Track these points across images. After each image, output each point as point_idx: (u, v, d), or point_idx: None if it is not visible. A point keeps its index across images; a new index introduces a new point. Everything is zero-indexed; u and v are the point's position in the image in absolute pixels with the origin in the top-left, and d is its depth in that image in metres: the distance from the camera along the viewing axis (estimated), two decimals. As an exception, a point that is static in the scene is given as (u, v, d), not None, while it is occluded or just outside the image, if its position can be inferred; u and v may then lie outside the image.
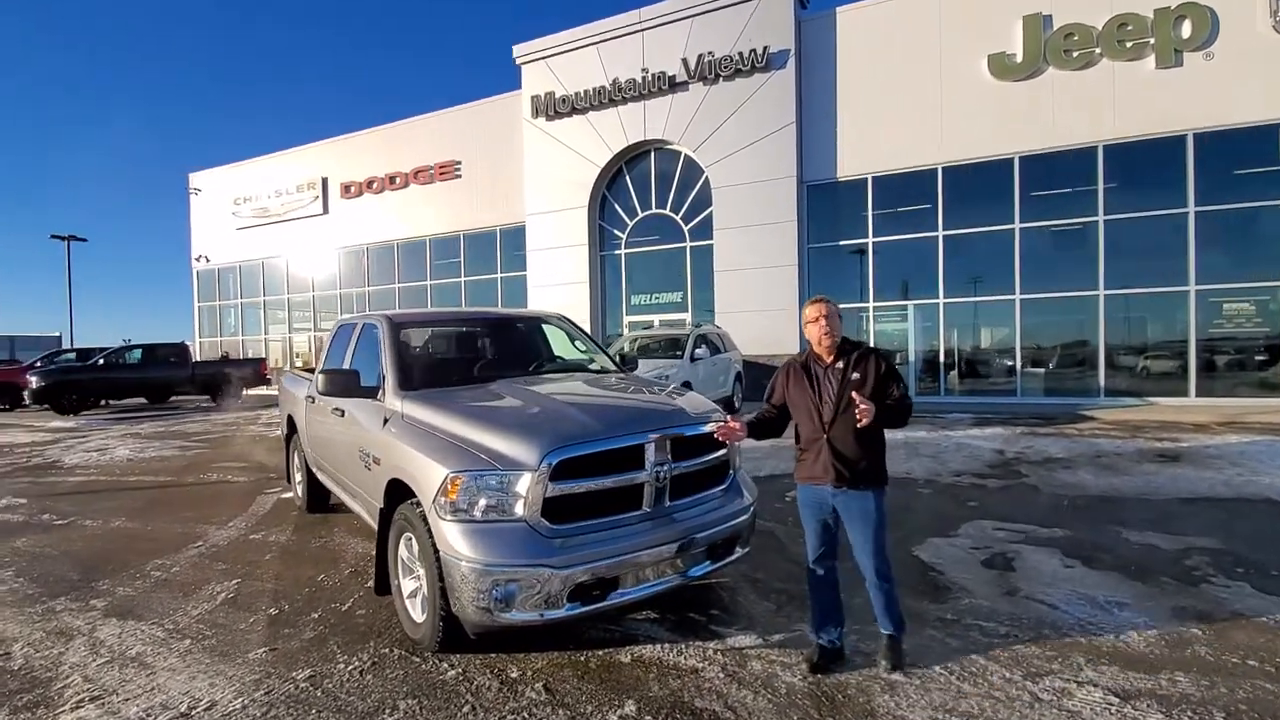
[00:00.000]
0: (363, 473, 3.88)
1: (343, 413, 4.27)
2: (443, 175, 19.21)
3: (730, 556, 3.38)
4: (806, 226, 14.51)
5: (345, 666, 3.04)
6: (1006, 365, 13.39)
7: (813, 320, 2.94)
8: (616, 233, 16.63)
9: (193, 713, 2.70)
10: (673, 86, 15.09)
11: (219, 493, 6.99)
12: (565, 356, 4.92)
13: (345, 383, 3.82)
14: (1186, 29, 11.31)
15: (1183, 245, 11.73)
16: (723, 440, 3.14)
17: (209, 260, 24.95)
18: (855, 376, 2.87)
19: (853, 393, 2.79)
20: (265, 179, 23.09)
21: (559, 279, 16.83)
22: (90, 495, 7.03)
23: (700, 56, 14.70)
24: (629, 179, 16.36)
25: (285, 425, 6.33)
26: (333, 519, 5.59)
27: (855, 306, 14.14)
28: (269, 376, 18.38)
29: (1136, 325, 12.68)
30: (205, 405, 17.73)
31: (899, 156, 13.60)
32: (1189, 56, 11.36)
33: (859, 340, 3.09)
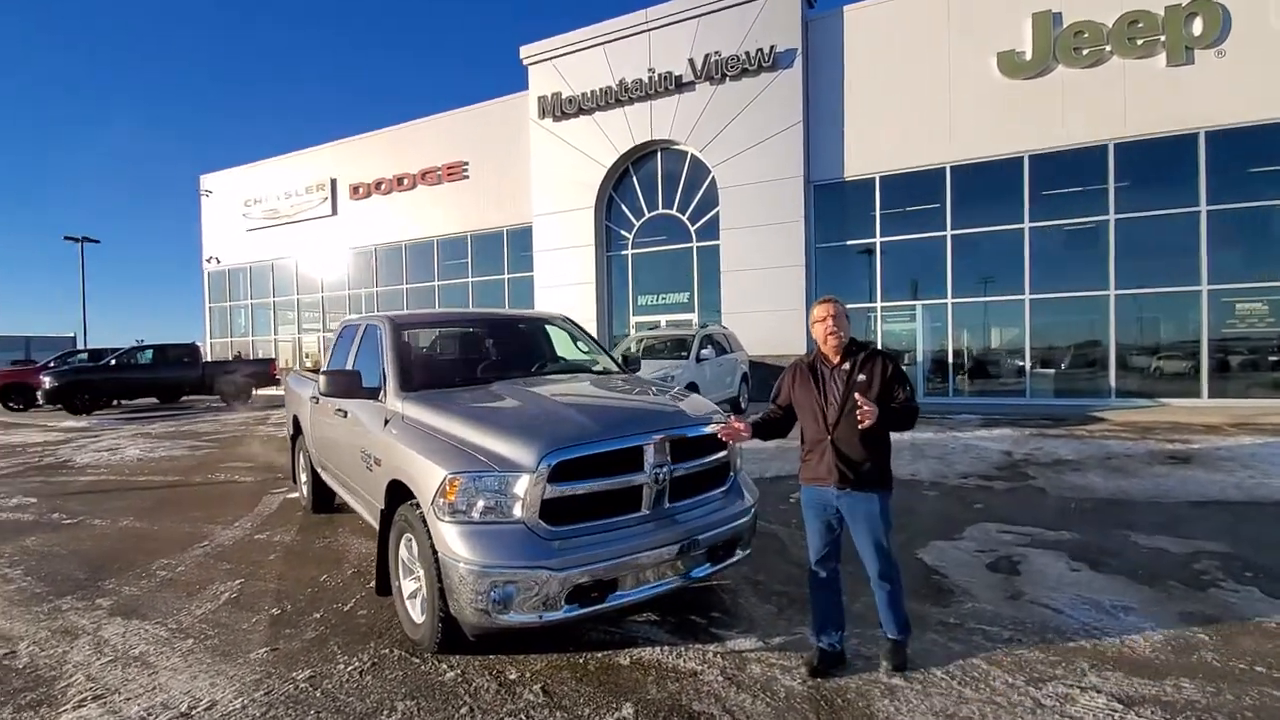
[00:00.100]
0: (364, 474, 3.89)
1: (345, 414, 4.29)
2: (450, 176, 19.28)
3: (731, 559, 3.36)
4: (813, 226, 14.46)
5: (345, 667, 3.05)
6: (1016, 366, 13.28)
7: (820, 320, 2.93)
8: (623, 233, 16.62)
9: (193, 712, 2.71)
10: (679, 86, 15.08)
11: (226, 493, 7.04)
12: (567, 357, 4.92)
13: (347, 384, 3.83)
14: (1198, 26, 11.18)
15: (1195, 244, 11.59)
16: (726, 440, 3.12)
17: (220, 261, 25.16)
18: (861, 378, 2.85)
19: (856, 395, 2.77)
20: (275, 180, 23.26)
21: (566, 279, 16.86)
22: (100, 495, 7.10)
23: (707, 56, 14.67)
24: (635, 179, 16.36)
25: (291, 426, 6.37)
26: (337, 519, 5.61)
27: (863, 307, 14.07)
28: (278, 377, 18.51)
29: (1148, 325, 12.56)
30: (216, 405, 17.88)
31: (907, 156, 13.52)
32: (1201, 54, 11.23)
33: (866, 341, 3.06)
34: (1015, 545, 4.54)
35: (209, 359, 21.67)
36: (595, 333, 16.31)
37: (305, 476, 5.91)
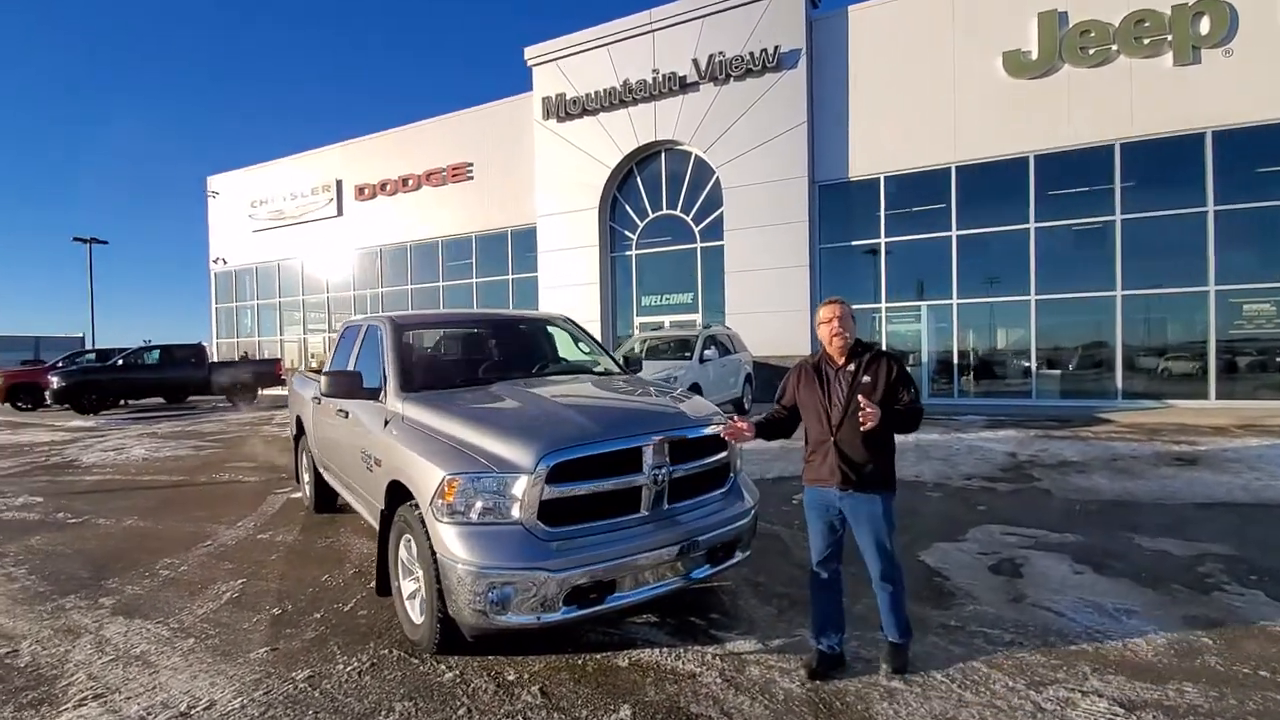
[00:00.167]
0: (365, 474, 3.90)
1: (346, 414, 4.29)
2: (455, 177, 19.33)
3: (730, 560, 3.35)
4: (818, 227, 14.43)
5: (344, 667, 3.05)
6: (1021, 367, 13.22)
7: (825, 321, 2.92)
8: (627, 234, 16.63)
9: (192, 712, 2.72)
10: (683, 87, 15.07)
11: (230, 492, 7.07)
12: (569, 358, 4.92)
13: (348, 384, 3.84)
14: (1205, 25, 11.11)
15: (1202, 245, 11.52)
16: (730, 440, 3.09)
17: (226, 262, 25.28)
18: (866, 380, 2.84)
19: (859, 397, 2.76)
20: (281, 182, 23.37)
21: (570, 280, 16.87)
22: (105, 494, 7.14)
23: (711, 57, 14.66)
24: (640, 180, 16.36)
25: (294, 426, 6.39)
26: (339, 519, 5.63)
27: (868, 307, 14.03)
28: (283, 377, 18.58)
29: (1154, 326, 12.48)
30: (222, 405, 17.97)
31: (912, 156, 13.48)
32: (1208, 53, 11.16)
33: (872, 343, 3.05)
34: (1018, 547, 4.51)
35: (215, 359, 21.77)
36: (599, 333, 16.32)
37: (308, 477, 5.93)
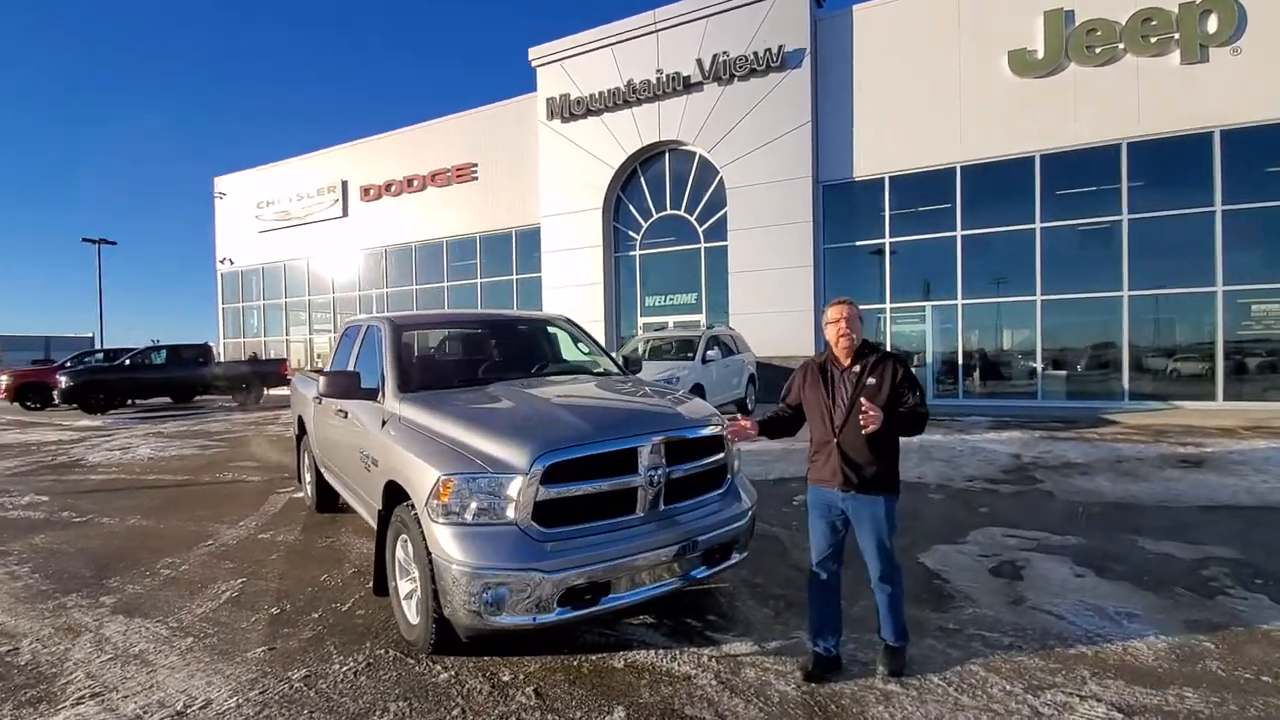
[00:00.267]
0: (363, 474, 3.91)
1: (346, 414, 4.31)
2: (459, 178, 19.37)
3: (727, 562, 3.34)
4: (822, 227, 14.38)
5: (340, 667, 3.06)
6: (1027, 368, 13.15)
7: (832, 321, 2.92)
8: (631, 234, 16.62)
9: (188, 711, 2.73)
10: (687, 87, 15.05)
11: (233, 492, 7.10)
12: (568, 359, 4.91)
13: (346, 384, 3.85)
14: (1213, 23, 11.01)
15: (1210, 245, 11.42)
16: (732, 439, 3.07)
17: (233, 262, 25.41)
18: (871, 381, 2.83)
19: (862, 399, 2.75)
20: (287, 182, 23.47)
21: (574, 280, 16.88)
22: (110, 493, 7.18)
23: (715, 57, 14.64)
24: (643, 180, 16.35)
25: (296, 426, 6.41)
26: (340, 519, 5.64)
27: (872, 308, 13.96)
28: (289, 377, 18.67)
29: (1162, 327, 12.39)
30: (228, 405, 18.06)
31: (917, 156, 13.41)
32: (1215, 52, 11.06)
33: (878, 344, 3.03)
34: (1019, 550, 4.48)
35: (221, 359, 21.89)
36: (603, 333, 16.33)
37: (309, 476, 5.94)
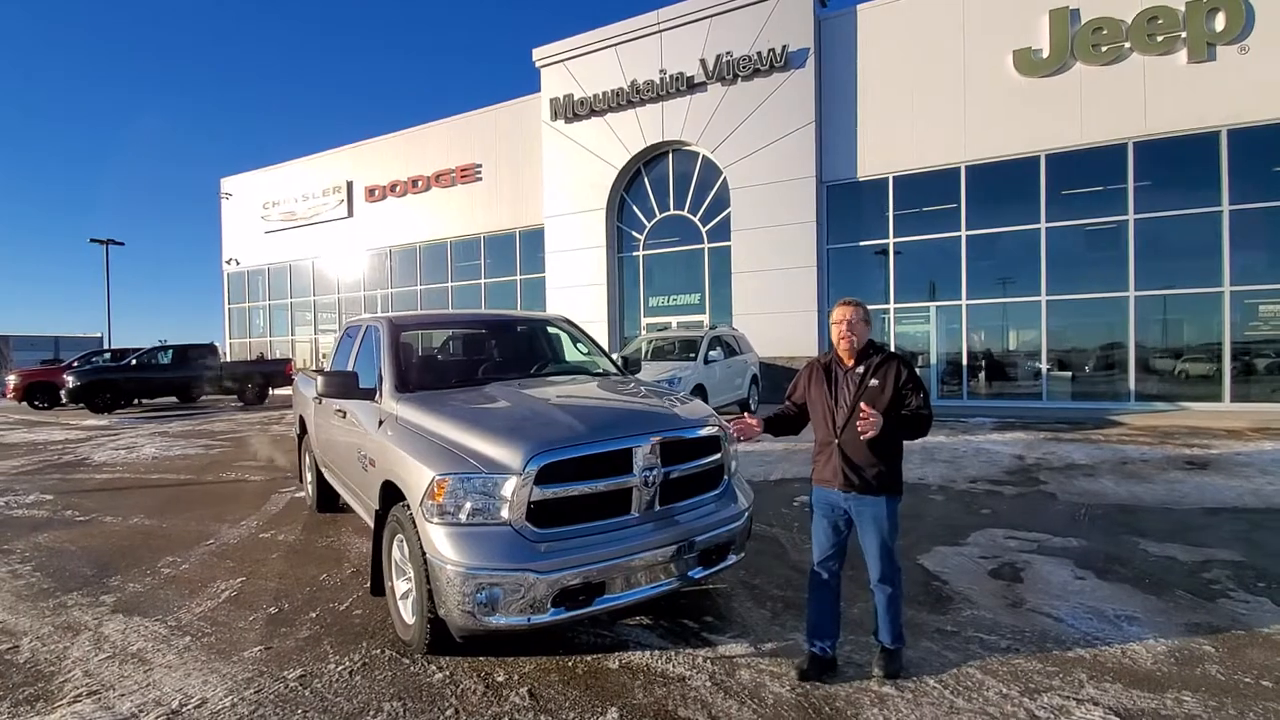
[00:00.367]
0: (361, 474, 3.91)
1: (345, 414, 4.31)
2: (463, 178, 19.41)
3: (723, 563, 3.32)
4: (826, 227, 14.34)
5: (336, 666, 3.06)
6: (1032, 368, 13.07)
7: (835, 322, 2.92)
8: (634, 234, 16.61)
9: (183, 710, 2.74)
10: (691, 87, 15.04)
11: (236, 491, 7.13)
12: (567, 359, 4.91)
13: (344, 384, 3.85)
14: (1220, 22, 10.93)
15: (1217, 245, 11.33)
16: (741, 436, 3.03)
17: (239, 263, 25.53)
18: (874, 383, 2.82)
19: (862, 403, 2.75)
20: (292, 183, 23.57)
21: (577, 281, 16.88)
22: (114, 492, 7.22)
23: (719, 57, 14.62)
24: (647, 181, 16.34)
25: (298, 425, 6.43)
26: (341, 519, 5.66)
27: (877, 308, 13.91)
28: (294, 376, 18.74)
29: (1169, 327, 12.29)
30: (234, 404, 18.15)
31: (921, 155, 13.36)
32: (1222, 50, 10.98)
33: (883, 345, 3.01)
34: (1020, 552, 4.45)
35: (227, 359, 22.00)
36: (606, 334, 16.33)
37: (310, 476, 5.96)
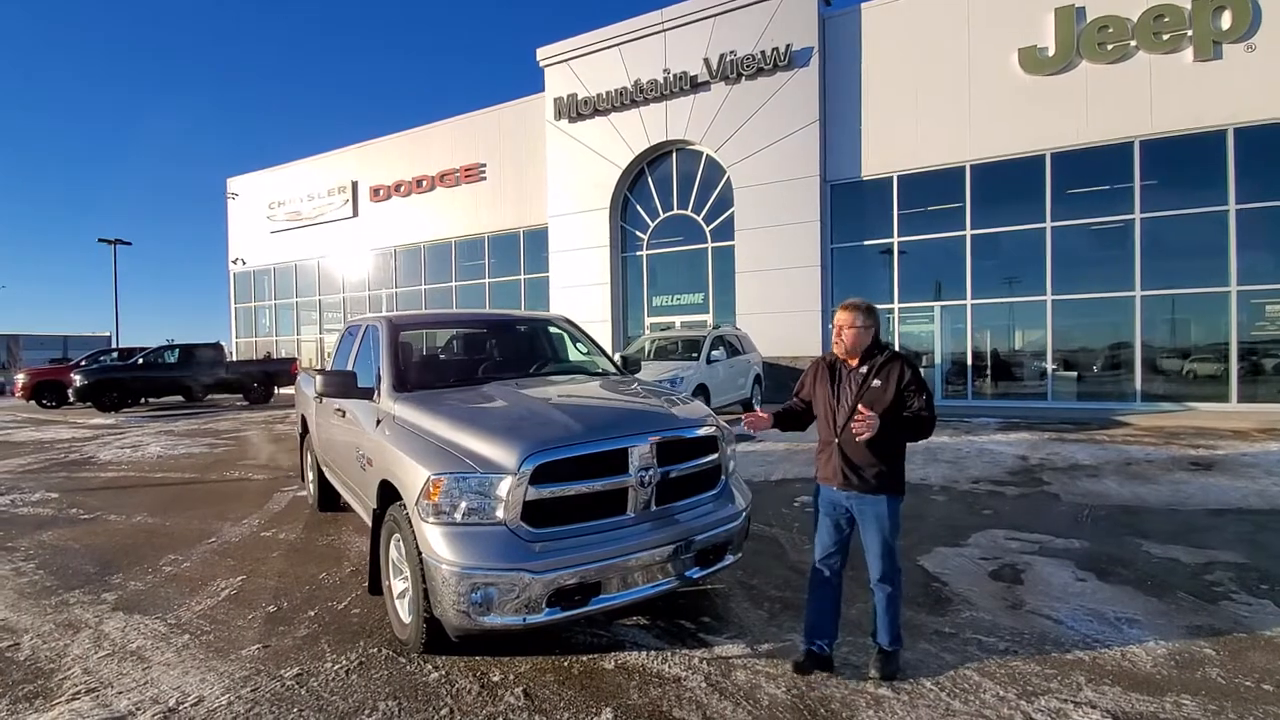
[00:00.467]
0: (359, 473, 3.92)
1: (344, 413, 4.33)
2: (467, 178, 19.44)
3: (720, 563, 3.32)
4: (830, 226, 14.30)
5: (332, 665, 3.07)
6: (1037, 368, 13.00)
7: (836, 325, 2.92)
8: (638, 234, 16.61)
9: (180, 708, 2.75)
10: (694, 86, 15.02)
11: (239, 490, 7.16)
12: (567, 359, 4.91)
13: (342, 383, 3.86)
14: (1226, 20, 10.84)
15: (1224, 244, 11.24)
16: (752, 429, 3.01)
17: (245, 262, 25.65)
18: (876, 383, 2.81)
19: (860, 404, 2.74)
20: (298, 183, 23.66)
21: (581, 280, 16.89)
22: (118, 491, 7.26)
23: (722, 56, 14.60)
24: (650, 180, 16.34)
25: (300, 425, 6.45)
26: (342, 518, 5.67)
27: (881, 308, 13.36)
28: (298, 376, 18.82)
29: (1175, 327, 12.21)
30: (239, 404, 18.23)
31: (925, 154, 13.31)
32: (1229, 48, 10.89)
33: (887, 344, 3.00)
34: (1021, 553, 4.43)
35: (233, 358, 22.10)
36: (610, 333, 16.33)
37: (312, 475, 5.98)
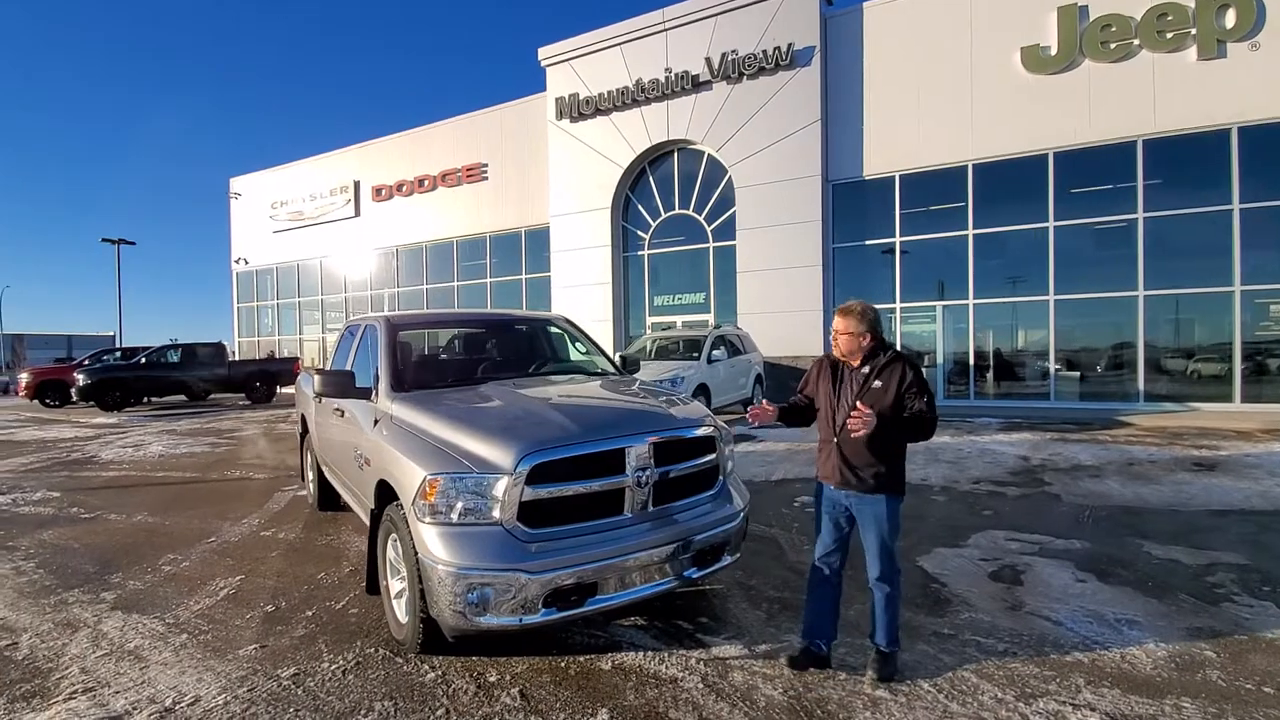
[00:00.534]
0: (357, 473, 3.92)
1: (343, 413, 4.32)
2: (469, 178, 19.45)
3: (718, 563, 3.31)
4: (831, 226, 14.28)
5: (329, 665, 3.07)
6: (1040, 368, 12.96)
7: (833, 329, 2.93)
8: (640, 233, 16.60)
9: (176, 707, 2.75)
10: (696, 86, 15.00)
11: (239, 489, 7.17)
12: (566, 359, 4.90)
13: (340, 383, 3.86)
14: (1230, 18, 10.78)
15: (1228, 244, 11.19)
16: (757, 422, 2.99)
17: (248, 262, 25.70)
18: (877, 384, 2.80)
19: (858, 404, 2.74)
20: (300, 183, 23.69)
21: (583, 280, 16.88)
22: (119, 490, 7.28)
23: (724, 55, 14.58)
24: (652, 180, 16.32)
25: (300, 424, 6.45)
26: (341, 517, 5.67)
27: (883, 308, 13.77)
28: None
29: (1179, 327, 12.16)
30: (242, 403, 18.27)
31: (927, 154, 13.27)
32: (1233, 47, 10.83)
33: (891, 344, 2.99)
34: (1021, 554, 4.41)
35: (236, 358, 22.14)
36: (611, 333, 16.33)
37: (312, 475, 5.98)
